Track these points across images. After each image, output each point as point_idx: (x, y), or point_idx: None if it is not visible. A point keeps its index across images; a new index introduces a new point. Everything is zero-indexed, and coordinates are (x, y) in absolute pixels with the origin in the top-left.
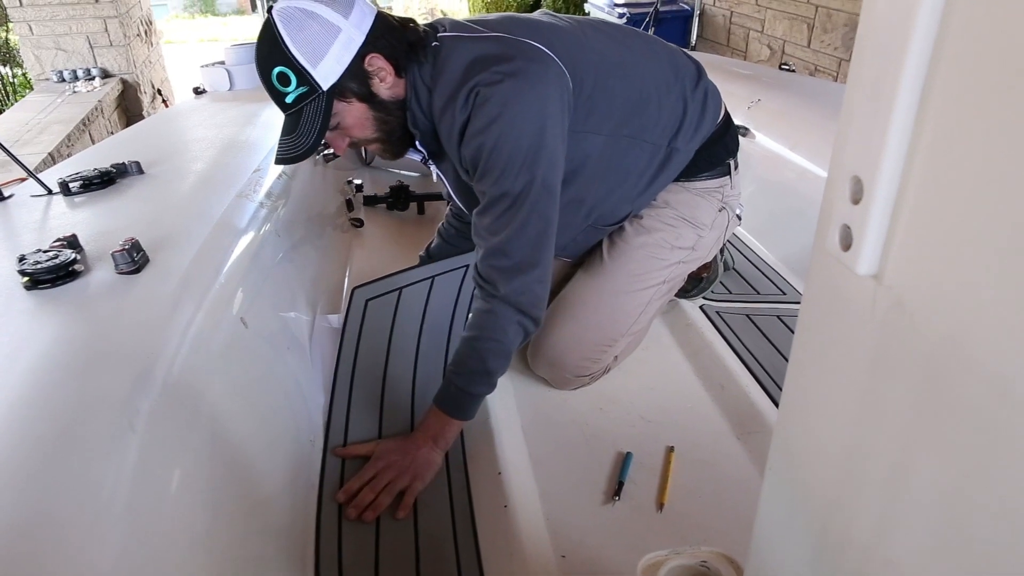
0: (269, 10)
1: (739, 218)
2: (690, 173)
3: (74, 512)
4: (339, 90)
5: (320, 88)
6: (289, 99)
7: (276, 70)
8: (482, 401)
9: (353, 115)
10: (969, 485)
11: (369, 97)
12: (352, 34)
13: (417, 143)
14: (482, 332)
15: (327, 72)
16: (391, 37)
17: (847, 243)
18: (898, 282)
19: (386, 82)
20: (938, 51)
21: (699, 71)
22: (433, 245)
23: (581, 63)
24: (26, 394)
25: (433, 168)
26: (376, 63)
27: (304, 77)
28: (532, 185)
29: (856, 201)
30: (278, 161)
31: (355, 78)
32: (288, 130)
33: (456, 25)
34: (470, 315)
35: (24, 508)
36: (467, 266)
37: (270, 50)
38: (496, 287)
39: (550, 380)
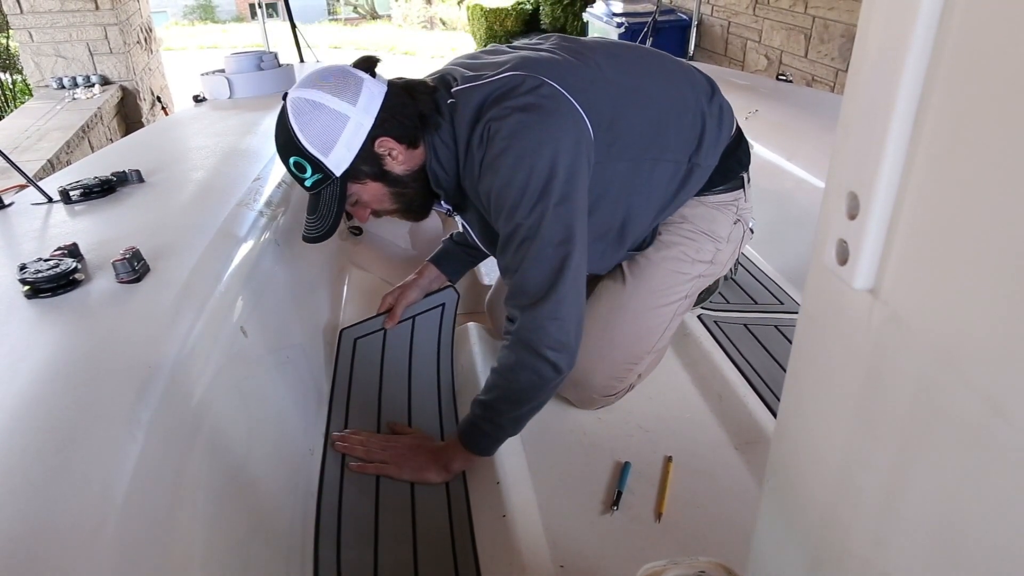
0: (284, 97)
1: (751, 231)
2: (706, 187)
3: (75, 521)
4: (352, 174)
5: (333, 175)
6: (307, 183)
7: (292, 159)
8: (494, 442)
9: (369, 193)
10: (963, 498)
11: (382, 176)
12: (361, 119)
13: (442, 201)
14: (497, 368)
15: (338, 160)
16: (401, 115)
17: (843, 257)
18: (894, 297)
19: (398, 160)
20: (933, 68)
21: (712, 86)
22: (459, 233)
23: (597, 97)
24: (27, 403)
25: (459, 220)
26: (387, 144)
27: (317, 166)
28: (544, 218)
29: (852, 216)
30: (305, 239)
31: (367, 161)
32: (311, 210)
33: (467, 77)
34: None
35: (25, 517)
36: (443, 305)
37: (285, 141)
38: (513, 323)
39: (575, 401)
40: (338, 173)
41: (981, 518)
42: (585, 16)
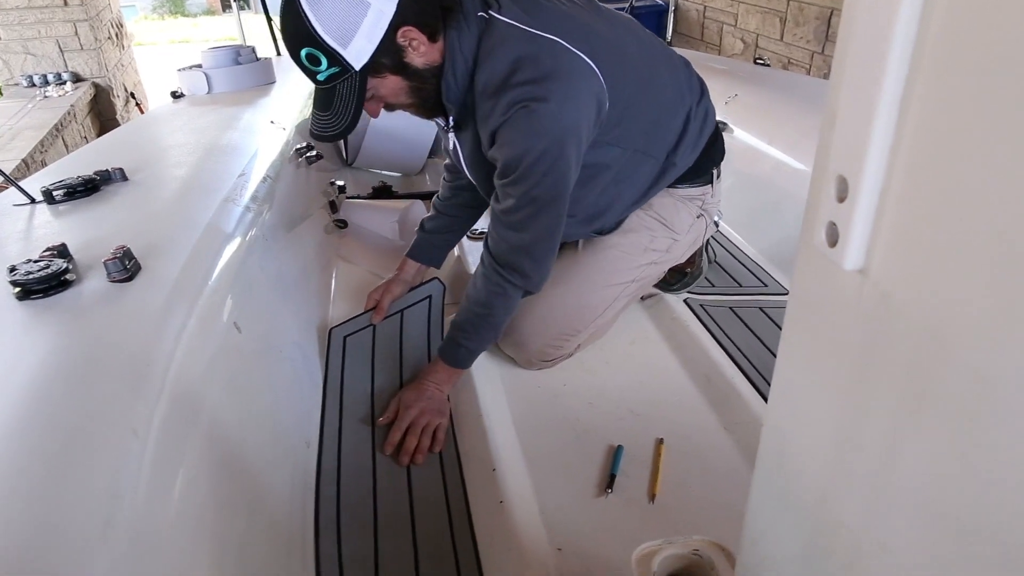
0: None
1: (716, 224)
2: (676, 181)
3: (81, 520)
4: (372, 67)
5: (352, 68)
6: (320, 77)
7: (304, 51)
8: (475, 354)
9: (388, 87)
10: (954, 472)
11: (403, 68)
12: (382, 6)
13: (451, 116)
14: (494, 310)
15: (358, 51)
16: (424, 2)
17: (833, 239)
18: (884, 277)
19: (419, 51)
20: (919, 50)
21: (703, 89)
22: (428, 219)
23: (621, 76)
24: (27, 405)
25: (451, 137)
26: (409, 35)
27: (334, 58)
28: (563, 194)
29: (841, 199)
30: (314, 137)
31: (388, 53)
32: (322, 106)
33: (511, 11)
34: (477, 286)
35: (31, 518)
36: (429, 297)
37: (296, 30)
38: (518, 277)
39: (515, 359)
40: (358, 67)
41: (971, 492)
42: None
